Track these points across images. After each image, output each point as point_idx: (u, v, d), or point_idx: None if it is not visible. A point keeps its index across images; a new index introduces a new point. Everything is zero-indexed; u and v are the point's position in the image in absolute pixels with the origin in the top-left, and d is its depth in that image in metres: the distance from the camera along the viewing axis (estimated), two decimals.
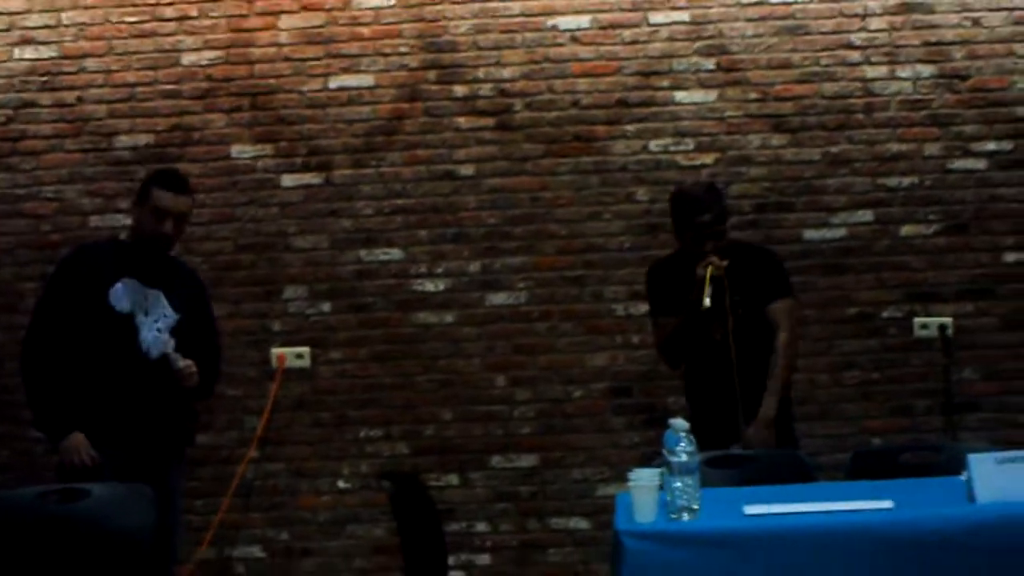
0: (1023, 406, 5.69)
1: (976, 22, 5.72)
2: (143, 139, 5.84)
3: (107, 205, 5.84)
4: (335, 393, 5.82)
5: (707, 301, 4.53)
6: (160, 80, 5.84)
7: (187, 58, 5.83)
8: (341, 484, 5.81)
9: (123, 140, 5.84)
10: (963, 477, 3.74)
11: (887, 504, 3.65)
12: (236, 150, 5.84)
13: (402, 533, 4.47)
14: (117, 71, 5.85)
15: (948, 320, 5.68)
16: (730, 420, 4.69)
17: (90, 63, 5.84)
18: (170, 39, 5.84)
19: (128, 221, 5.76)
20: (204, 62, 5.83)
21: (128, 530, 4.05)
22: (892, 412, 5.71)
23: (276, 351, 5.81)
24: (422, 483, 5.43)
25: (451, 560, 5.62)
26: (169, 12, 5.83)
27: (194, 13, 5.82)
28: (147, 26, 5.83)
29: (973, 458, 3.65)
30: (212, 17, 5.82)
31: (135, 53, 5.84)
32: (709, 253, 4.60)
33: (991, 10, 5.71)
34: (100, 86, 5.85)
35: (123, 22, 5.84)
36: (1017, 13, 5.71)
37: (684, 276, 4.67)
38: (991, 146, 5.72)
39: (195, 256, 5.78)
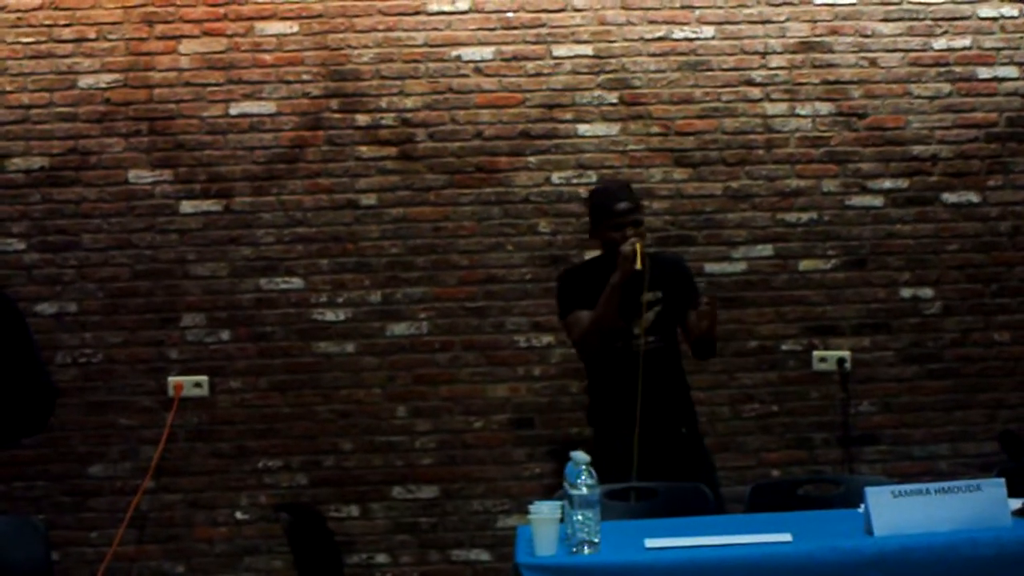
0: (919, 439, 5.78)
1: (873, 62, 5.84)
2: (37, 162, 5.72)
3: None
4: (233, 423, 5.73)
5: (639, 265, 4.69)
6: (56, 102, 5.73)
7: (84, 80, 5.73)
8: (239, 515, 5.72)
9: (17, 163, 5.72)
10: (861, 510, 3.78)
11: (786, 537, 3.67)
12: (134, 175, 5.75)
13: (299, 566, 4.41)
14: (11, 92, 5.72)
15: (846, 354, 5.76)
16: (631, 427, 4.75)
17: None
18: (67, 61, 5.73)
19: (21, 246, 5.70)
20: (102, 85, 5.73)
21: (16, 564, 3.94)
22: (791, 444, 5.77)
23: (173, 379, 5.71)
24: (320, 514, 5.37)
25: None
26: (66, 33, 5.73)
27: (92, 35, 5.73)
28: (43, 47, 5.72)
29: (870, 491, 3.70)
30: (111, 40, 5.73)
31: (30, 74, 5.72)
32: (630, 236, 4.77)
33: (887, 51, 5.84)
34: None
35: (18, 43, 5.72)
36: (912, 54, 5.84)
37: (597, 280, 4.81)
38: (887, 183, 5.82)
39: (90, 283, 5.69)
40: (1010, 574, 3.57)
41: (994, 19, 5.85)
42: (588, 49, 5.80)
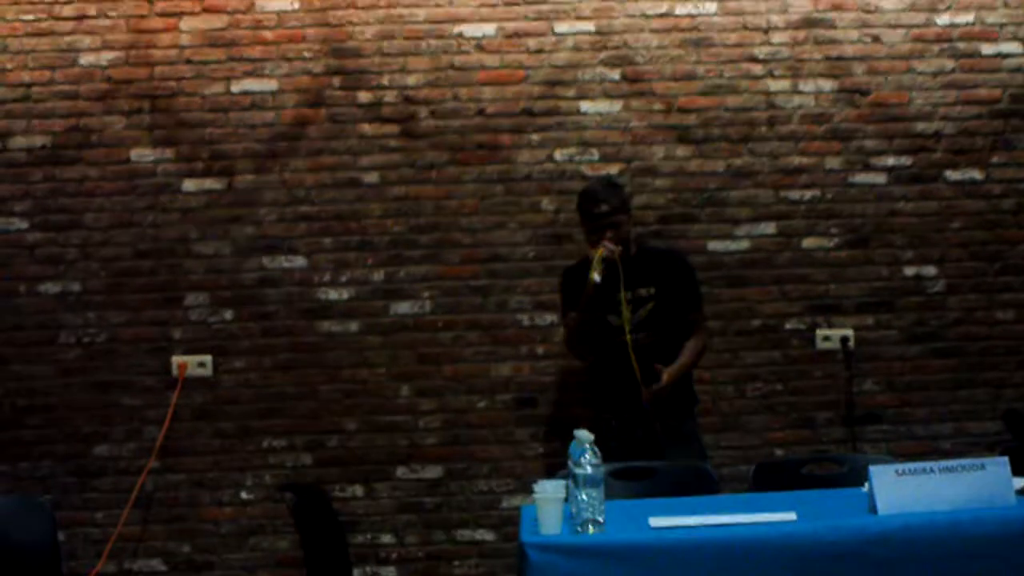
0: (923, 418, 5.78)
1: (876, 39, 5.81)
2: (39, 140, 5.70)
3: (1, 208, 5.69)
4: (237, 402, 5.73)
5: (596, 277, 4.81)
6: (57, 80, 5.71)
7: (85, 58, 5.71)
8: (244, 495, 5.72)
9: (18, 141, 5.70)
10: (865, 489, 3.78)
11: (790, 516, 3.68)
12: (136, 153, 5.73)
13: (305, 545, 4.42)
14: (12, 70, 5.70)
15: (849, 332, 5.76)
16: (633, 412, 4.83)
17: None
18: (68, 39, 5.71)
19: (23, 225, 5.69)
20: (103, 63, 5.71)
21: (22, 544, 3.95)
22: (795, 424, 5.77)
23: (177, 359, 5.71)
24: (325, 494, 5.38)
25: (356, 572, 5.57)
26: (67, 11, 5.70)
27: (92, 12, 5.70)
28: (44, 25, 5.70)
29: (874, 470, 3.70)
30: (111, 17, 5.71)
31: (31, 52, 5.70)
32: (605, 239, 4.86)
33: (891, 27, 5.81)
34: None
35: (19, 20, 5.70)
36: (915, 30, 5.82)
37: (586, 280, 4.88)
38: (891, 161, 5.81)
39: (93, 262, 5.68)
40: (1014, 553, 3.58)
41: None
42: (590, 25, 5.78)
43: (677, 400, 4.96)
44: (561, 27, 5.78)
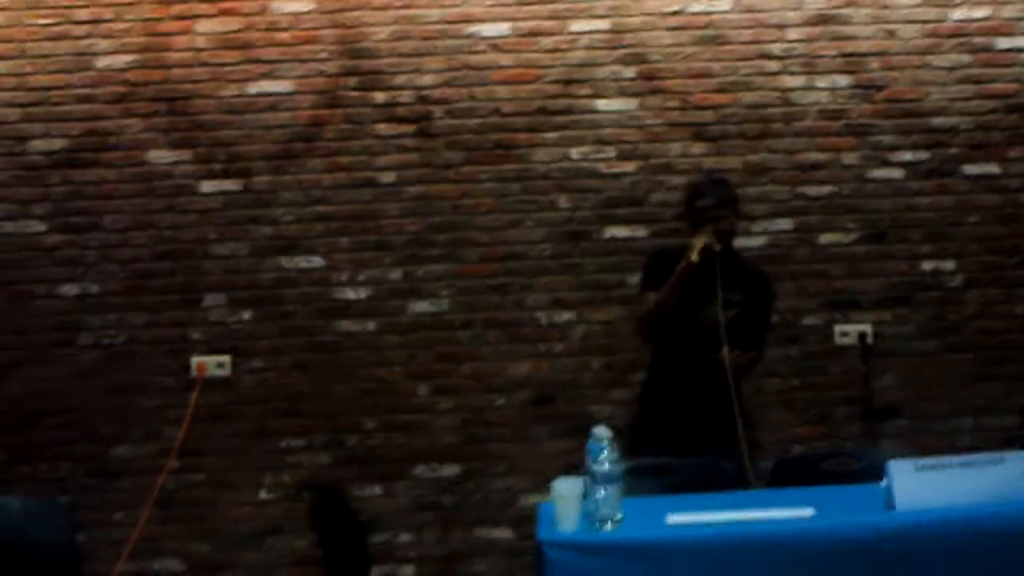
0: (941, 413, 5.77)
1: (891, 34, 5.80)
2: (57, 144, 5.73)
3: (20, 211, 5.73)
4: (256, 402, 5.75)
5: (695, 257, 4.78)
6: (74, 84, 5.74)
7: (102, 62, 5.74)
8: (263, 495, 5.74)
9: (37, 145, 5.73)
10: (883, 484, 3.77)
11: (808, 512, 3.67)
12: (153, 156, 5.75)
13: (323, 544, 4.43)
14: (30, 74, 5.73)
15: (867, 328, 5.74)
16: (696, 414, 4.87)
17: (2, 66, 5.72)
18: (84, 42, 5.74)
19: (42, 228, 5.72)
20: (119, 66, 5.74)
21: (42, 546, 3.97)
22: (813, 419, 5.76)
23: (196, 360, 5.73)
24: (344, 493, 5.39)
25: (375, 571, 5.58)
26: (83, 15, 5.73)
27: (109, 16, 5.73)
28: (60, 29, 5.73)
29: (892, 465, 3.69)
30: (127, 20, 5.73)
31: (48, 56, 5.73)
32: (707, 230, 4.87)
33: (906, 22, 5.80)
34: (12, 89, 5.73)
35: (36, 24, 5.73)
36: (930, 25, 5.80)
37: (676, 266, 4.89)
38: (907, 156, 5.79)
39: (112, 264, 5.70)
40: None
41: None
42: (605, 24, 5.78)
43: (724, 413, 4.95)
44: (576, 26, 5.79)
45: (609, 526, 3.64)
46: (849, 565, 3.55)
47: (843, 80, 5.79)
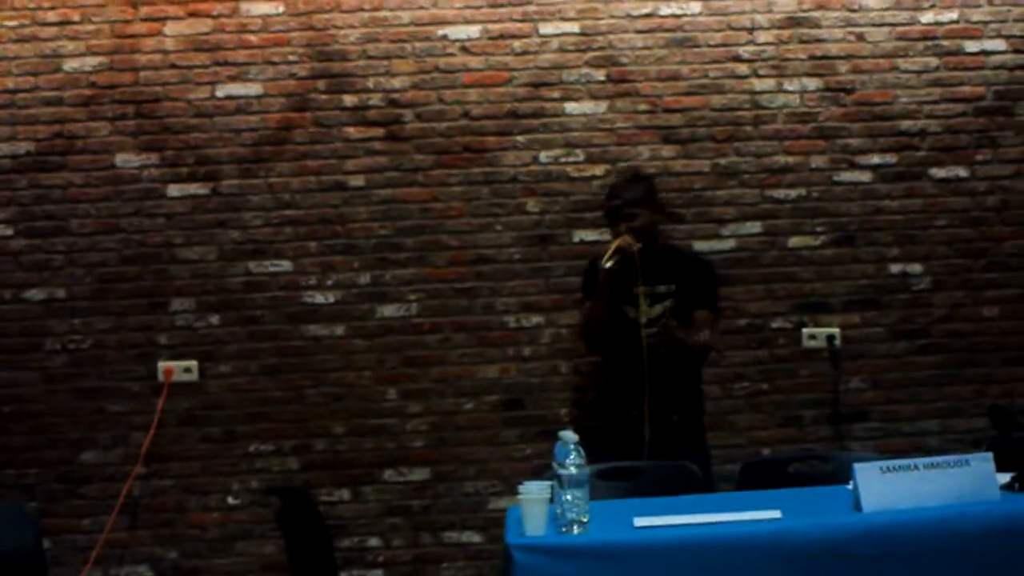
0: (909, 415, 5.78)
1: (860, 37, 5.81)
2: (23, 147, 5.69)
3: None
4: (224, 407, 5.72)
5: (607, 263, 4.83)
6: (41, 86, 5.70)
7: (69, 64, 5.70)
8: (231, 500, 5.71)
9: (2, 148, 5.69)
10: (850, 486, 3.78)
11: (775, 514, 3.68)
12: (121, 159, 5.72)
13: (290, 549, 4.41)
14: None
15: (835, 331, 5.76)
16: (635, 413, 4.86)
17: None
18: (51, 44, 5.70)
19: (8, 232, 5.68)
20: (87, 68, 5.70)
21: (7, 551, 3.94)
22: (781, 422, 5.77)
23: (163, 364, 5.70)
24: (310, 498, 5.37)
25: None
26: (51, 16, 5.69)
27: (76, 18, 5.69)
28: (27, 31, 5.69)
29: (858, 467, 3.70)
30: (95, 22, 5.70)
31: (15, 58, 5.69)
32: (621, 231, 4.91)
33: (875, 25, 5.81)
34: None
35: (2, 26, 5.68)
36: (900, 28, 5.82)
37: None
38: (876, 159, 5.81)
39: (78, 268, 5.67)
40: (999, 547, 3.58)
41: None
42: (575, 26, 5.78)
43: (679, 399, 4.97)
44: (546, 28, 5.78)
45: (576, 529, 3.64)
46: (816, 567, 3.56)
47: (812, 83, 5.80)
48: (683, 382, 5.01)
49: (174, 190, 5.73)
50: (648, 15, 5.79)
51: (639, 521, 3.70)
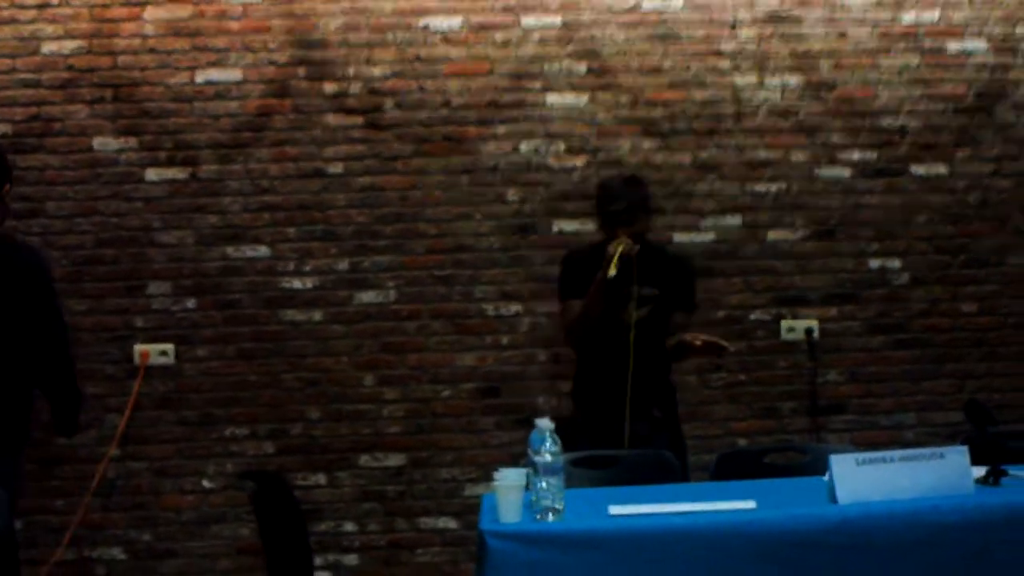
0: (886, 408, 5.81)
1: (842, 34, 5.83)
2: (0, 129, 5.66)
3: None
4: (200, 391, 5.70)
5: (612, 271, 4.67)
6: (19, 69, 5.67)
7: (47, 47, 5.67)
8: (206, 483, 5.70)
9: None
10: (825, 478, 3.78)
11: (750, 504, 3.67)
12: (98, 142, 5.69)
13: (264, 533, 4.40)
14: None
15: (814, 324, 5.78)
16: (617, 409, 4.80)
17: None
18: (30, 27, 5.67)
19: None
20: (66, 51, 5.67)
21: None
22: (759, 414, 5.79)
23: (139, 347, 5.68)
24: (285, 482, 5.35)
25: (319, 560, 5.56)
26: None
27: (55, 1, 5.67)
28: (5, 13, 5.66)
29: (834, 459, 3.70)
30: (74, 6, 5.67)
31: None
32: (621, 236, 4.75)
33: (857, 23, 5.84)
34: None
35: None
36: (881, 27, 5.84)
37: (597, 264, 4.77)
38: (856, 155, 5.83)
39: (55, 250, 5.64)
40: (972, 540, 3.58)
41: None
42: (557, 19, 5.78)
43: (658, 394, 4.96)
44: (528, 20, 5.78)
45: (551, 516, 3.63)
46: (790, 557, 3.55)
47: (794, 79, 5.82)
48: (660, 377, 4.99)
49: (152, 174, 5.71)
50: (630, 9, 5.80)
51: (614, 509, 3.69)
